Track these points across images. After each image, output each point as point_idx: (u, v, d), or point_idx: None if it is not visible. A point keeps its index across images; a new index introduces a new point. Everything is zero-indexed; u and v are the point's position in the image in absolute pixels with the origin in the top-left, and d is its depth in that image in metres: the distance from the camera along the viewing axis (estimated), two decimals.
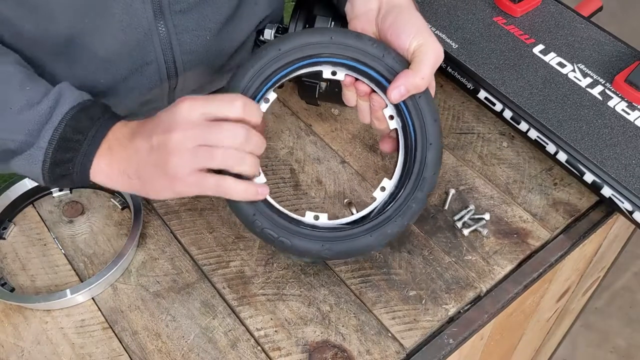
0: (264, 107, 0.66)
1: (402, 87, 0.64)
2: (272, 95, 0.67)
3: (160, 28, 0.77)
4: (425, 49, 0.64)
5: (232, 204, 0.63)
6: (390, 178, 0.67)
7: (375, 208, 0.66)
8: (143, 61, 0.79)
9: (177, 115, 0.61)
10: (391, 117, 0.68)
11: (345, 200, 0.77)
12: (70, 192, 0.79)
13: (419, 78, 0.64)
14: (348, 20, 0.70)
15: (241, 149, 0.60)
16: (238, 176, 0.61)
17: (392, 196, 0.66)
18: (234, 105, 0.61)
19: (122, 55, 0.77)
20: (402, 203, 0.64)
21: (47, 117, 0.64)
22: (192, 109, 0.61)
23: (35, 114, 0.64)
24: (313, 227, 0.65)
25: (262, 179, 0.65)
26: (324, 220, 0.66)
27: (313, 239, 0.64)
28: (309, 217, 0.66)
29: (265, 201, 0.64)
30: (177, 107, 0.62)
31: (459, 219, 0.75)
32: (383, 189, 0.67)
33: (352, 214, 0.69)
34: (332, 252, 0.63)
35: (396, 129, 0.68)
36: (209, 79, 0.89)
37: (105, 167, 0.64)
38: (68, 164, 0.64)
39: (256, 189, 0.62)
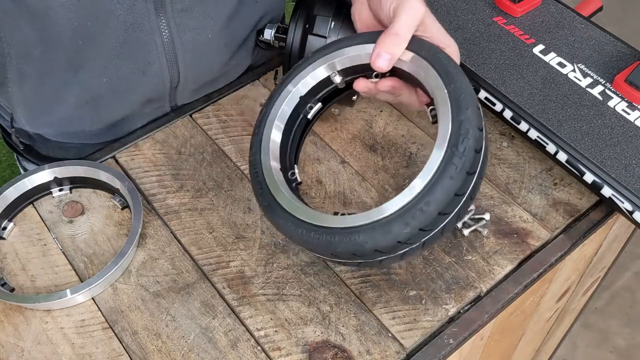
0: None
1: (381, 51, 0.61)
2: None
3: (162, 27, 0.77)
4: (400, 7, 0.62)
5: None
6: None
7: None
8: (145, 60, 0.79)
9: None
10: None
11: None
12: (70, 192, 0.79)
13: (393, 34, 0.61)
14: (352, 3, 0.70)
15: None
16: None
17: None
18: None
19: (125, 54, 0.77)
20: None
21: None
22: None
23: None
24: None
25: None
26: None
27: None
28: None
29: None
30: None
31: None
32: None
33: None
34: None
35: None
36: (211, 78, 0.89)
37: None
38: None
39: None
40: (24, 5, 0.70)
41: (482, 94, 0.82)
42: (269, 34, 0.85)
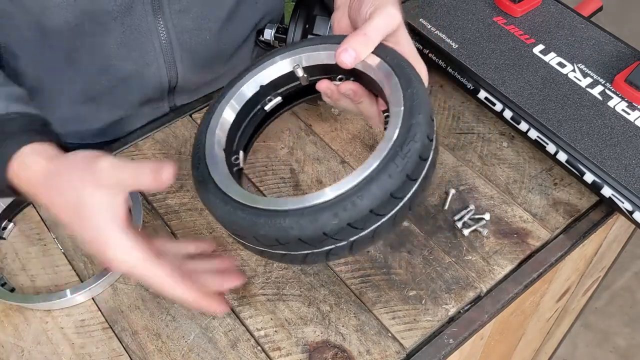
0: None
1: (348, 47, 0.59)
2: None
3: (160, 28, 0.77)
4: (376, 11, 0.60)
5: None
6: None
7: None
8: (143, 62, 0.79)
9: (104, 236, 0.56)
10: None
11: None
12: None
13: (362, 34, 0.60)
14: (333, 12, 0.68)
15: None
16: None
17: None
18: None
19: (123, 56, 0.77)
20: None
21: None
22: (123, 264, 0.57)
23: None
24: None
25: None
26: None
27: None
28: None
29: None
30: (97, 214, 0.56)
31: (459, 219, 0.75)
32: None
33: None
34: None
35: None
36: (209, 79, 0.89)
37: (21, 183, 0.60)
38: None
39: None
40: (21, 5, 0.70)
41: (482, 94, 0.83)
42: (269, 34, 0.85)
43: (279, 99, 0.70)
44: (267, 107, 0.69)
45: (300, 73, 0.67)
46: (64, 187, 0.57)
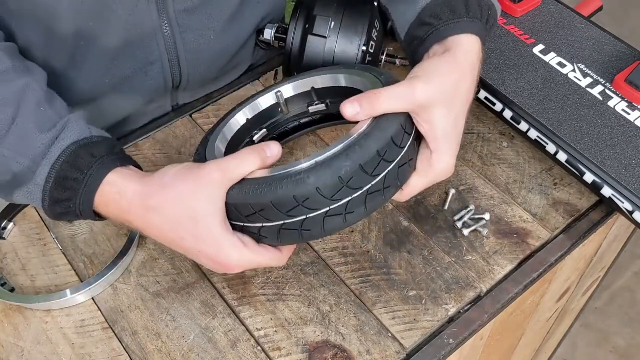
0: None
1: (355, 102, 0.59)
2: None
3: (164, 28, 0.77)
4: (408, 81, 0.60)
5: None
6: None
7: None
8: (147, 61, 0.79)
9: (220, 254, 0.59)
10: None
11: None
12: None
13: (374, 94, 0.59)
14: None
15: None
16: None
17: None
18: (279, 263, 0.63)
19: (127, 55, 0.77)
20: None
21: (47, 149, 0.59)
22: (239, 264, 0.60)
23: (39, 141, 0.59)
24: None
25: None
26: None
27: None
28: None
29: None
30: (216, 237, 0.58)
31: (459, 219, 0.75)
32: None
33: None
34: None
35: None
36: (212, 78, 0.89)
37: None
38: (68, 203, 0.60)
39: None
40: (31, 6, 0.70)
41: (482, 94, 0.82)
42: (269, 34, 0.85)
43: (264, 131, 0.73)
44: (256, 138, 0.73)
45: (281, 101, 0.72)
46: (169, 203, 0.57)
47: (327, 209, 0.56)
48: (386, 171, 0.57)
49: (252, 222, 0.58)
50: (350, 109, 0.59)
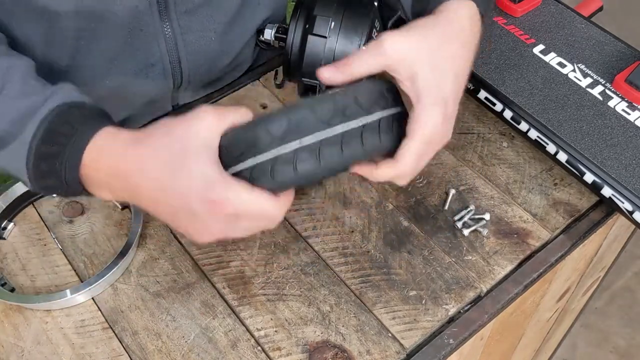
0: None
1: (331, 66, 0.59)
2: None
3: (165, 29, 0.77)
4: (370, 48, 0.59)
5: None
6: None
7: None
8: (148, 62, 0.79)
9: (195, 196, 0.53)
10: None
11: None
12: None
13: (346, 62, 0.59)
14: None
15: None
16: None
17: None
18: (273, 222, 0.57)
19: (128, 56, 0.77)
20: None
21: (36, 109, 0.57)
22: (234, 205, 0.54)
23: (24, 103, 0.57)
24: None
25: None
26: None
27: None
28: None
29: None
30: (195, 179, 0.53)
31: (459, 219, 0.75)
32: None
33: None
34: None
35: None
36: (213, 78, 0.89)
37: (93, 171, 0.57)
38: (54, 160, 0.56)
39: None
40: (30, 7, 0.70)
41: (482, 94, 0.83)
42: (269, 34, 0.85)
43: None
44: None
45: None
46: (162, 142, 0.54)
47: (322, 138, 0.55)
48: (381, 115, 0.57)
49: (243, 160, 0.55)
50: (326, 72, 0.59)
